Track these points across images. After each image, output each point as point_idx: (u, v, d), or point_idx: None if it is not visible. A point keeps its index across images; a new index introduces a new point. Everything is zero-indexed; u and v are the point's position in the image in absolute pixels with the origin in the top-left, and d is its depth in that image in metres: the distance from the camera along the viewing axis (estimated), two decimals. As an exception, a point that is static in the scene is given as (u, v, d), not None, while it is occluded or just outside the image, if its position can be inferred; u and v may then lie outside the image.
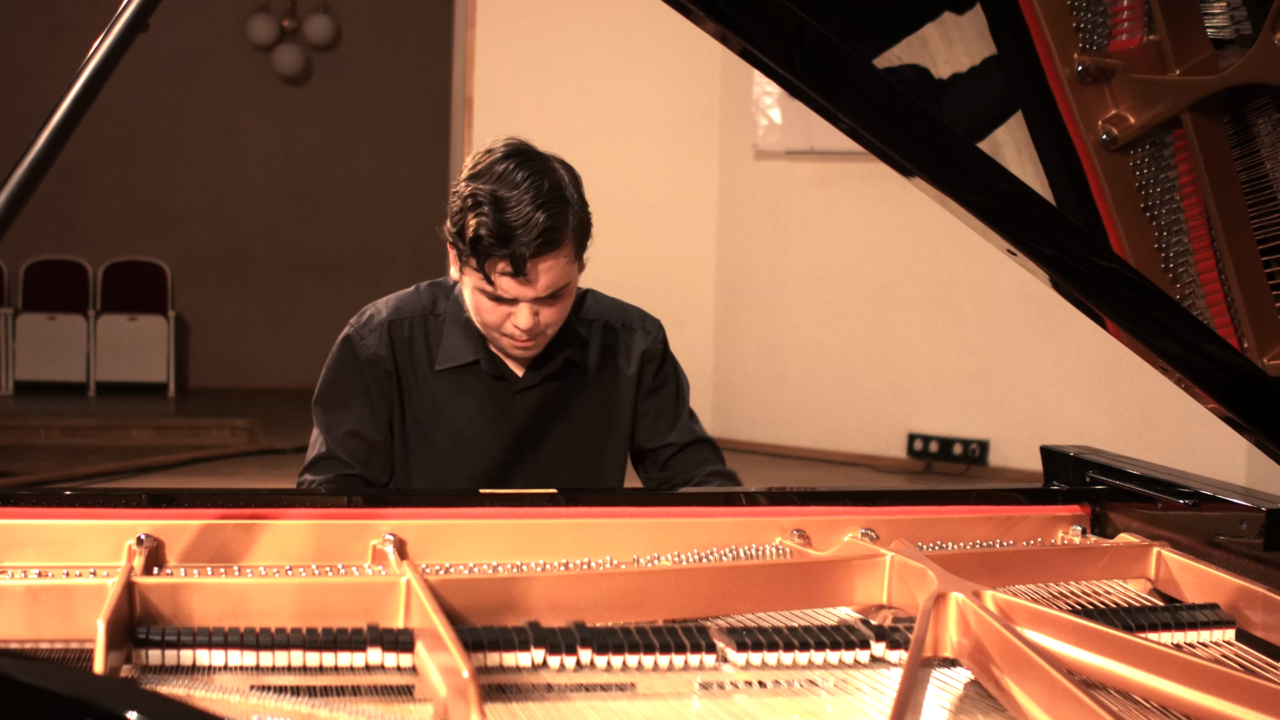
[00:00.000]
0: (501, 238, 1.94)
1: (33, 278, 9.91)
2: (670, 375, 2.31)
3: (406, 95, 10.67)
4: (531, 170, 1.97)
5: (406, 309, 2.18)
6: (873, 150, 1.62)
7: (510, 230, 1.93)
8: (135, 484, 6.46)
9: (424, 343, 2.16)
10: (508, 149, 2.01)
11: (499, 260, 1.96)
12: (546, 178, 1.98)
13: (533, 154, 2.02)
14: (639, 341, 2.27)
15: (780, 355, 7.94)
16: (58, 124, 1.40)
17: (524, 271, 1.96)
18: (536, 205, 1.94)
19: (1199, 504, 1.76)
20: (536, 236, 1.94)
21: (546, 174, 1.99)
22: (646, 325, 2.30)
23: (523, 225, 1.93)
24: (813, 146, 7.62)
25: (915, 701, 1.30)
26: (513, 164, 1.98)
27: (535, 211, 1.94)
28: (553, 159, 2.04)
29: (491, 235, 1.94)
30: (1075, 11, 1.60)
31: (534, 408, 2.18)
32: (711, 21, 1.52)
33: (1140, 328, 1.69)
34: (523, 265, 1.95)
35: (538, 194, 1.95)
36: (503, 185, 1.95)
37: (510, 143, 2.03)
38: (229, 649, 1.31)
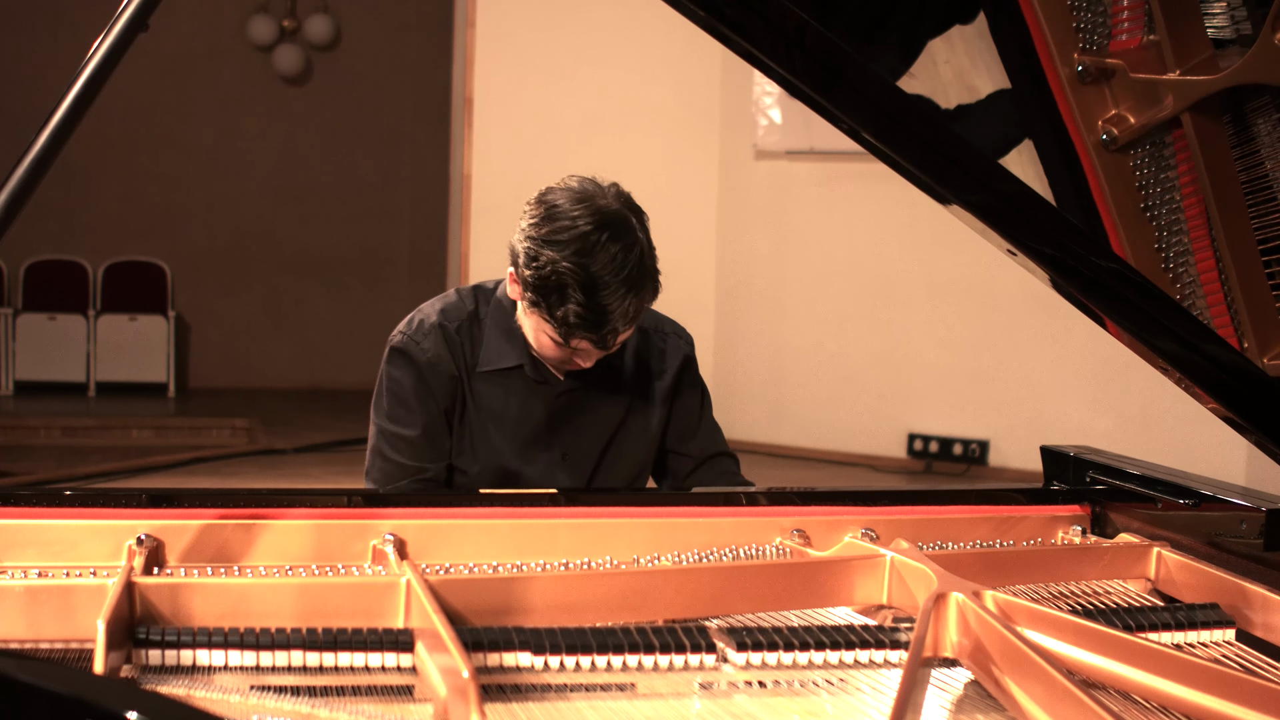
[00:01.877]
0: (594, 325, 1.97)
1: (33, 278, 9.91)
2: (700, 384, 2.35)
3: (406, 95, 10.67)
4: (620, 245, 1.96)
5: (452, 313, 2.20)
6: (872, 150, 1.62)
7: (603, 318, 1.96)
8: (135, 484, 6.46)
9: (470, 344, 2.18)
10: (595, 218, 1.97)
11: (584, 337, 2.00)
12: (633, 251, 1.97)
13: (619, 223, 1.98)
14: (676, 348, 2.31)
15: (780, 355, 7.94)
16: (58, 124, 1.40)
17: (607, 346, 2.03)
18: (627, 289, 1.95)
19: (1199, 504, 1.76)
20: (627, 319, 1.99)
21: (632, 245, 1.97)
22: (680, 333, 2.34)
23: (614, 312, 1.96)
24: (813, 146, 7.61)
25: (915, 701, 1.30)
26: (604, 237, 1.95)
27: (626, 298, 1.96)
28: (625, 212, 2.01)
29: (582, 321, 1.96)
30: (1075, 11, 1.61)
31: (576, 409, 2.21)
32: (712, 22, 1.52)
33: (1140, 328, 1.69)
34: (608, 343, 2.02)
35: (629, 276, 1.95)
36: (594, 262, 1.94)
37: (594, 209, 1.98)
38: (229, 649, 1.31)
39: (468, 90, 7.79)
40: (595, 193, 2.02)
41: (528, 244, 2.00)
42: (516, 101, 7.73)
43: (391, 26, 10.65)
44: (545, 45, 7.83)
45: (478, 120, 7.72)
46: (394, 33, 10.65)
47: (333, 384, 10.19)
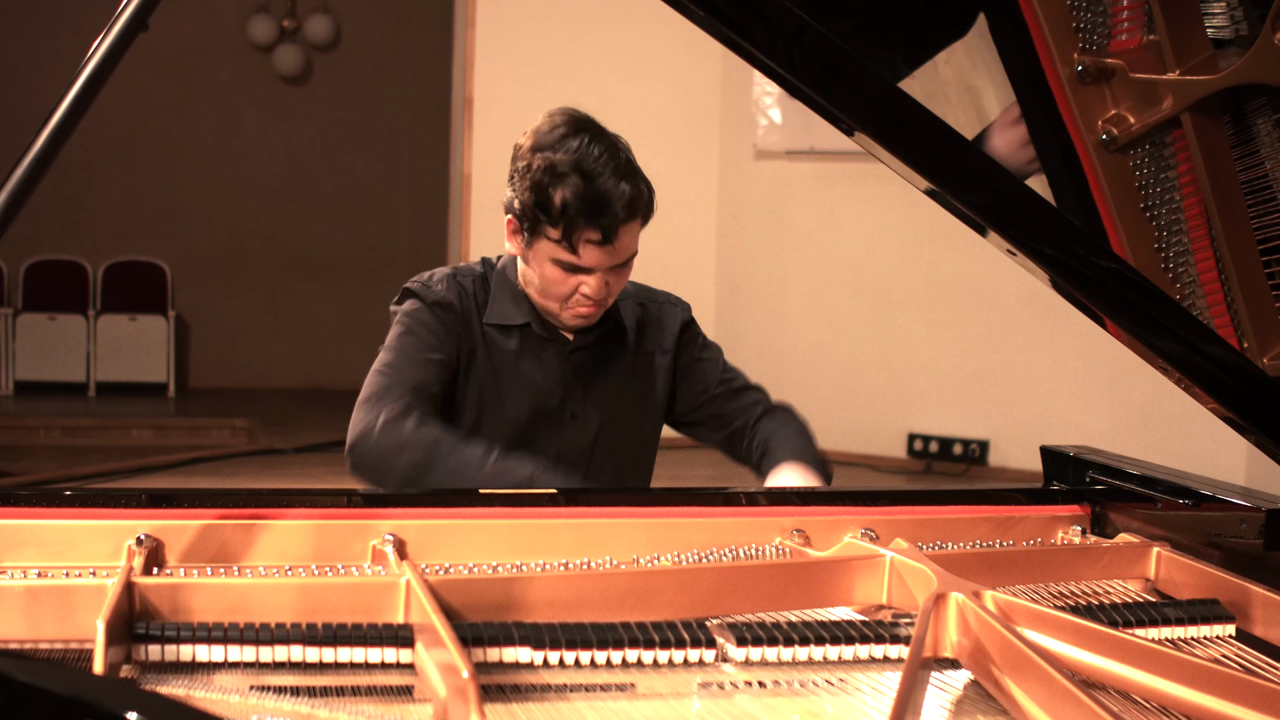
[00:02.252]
0: (594, 208, 2.02)
1: (33, 278, 9.91)
2: (706, 342, 2.41)
3: (406, 95, 10.67)
4: (606, 144, 2.06)
5: (461, 270, 2.26)
6: (873, 150, 1.62)
7: (603, 200, 2.02)
8: (135, 484, 6.46)
9: (482, 299, 2.22)
10: (573, 122, 2.07)
11: (589, 229, 2.03)
12: (619, 150, 2.08)
13: (599, 127, 2.10)
14: (674, 315, 2.36)
15: (780, 355, 7.94)
16: (58, 124, 1.40)
17: (612, 240, 2.05)
18: (619, 176, 2.03)
19: (1199, 504, 1.76)
20: (625, 205, 2.03)
21: (618, 147, 2.09)
22: (675, 301, 2.40)
23: (612, 195, 2.02)
24: (813, 146, 7.62)
25: (915, 701, 1.30)
26: (586, 137, 2.05)
27: (620, 181, 2.03)
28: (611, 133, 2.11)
29: (582, 204, 2.01)
30: (1075, 11, 1.61)
31: (586, 368, 2.25)
32: (712, 22, 1.52)
33: (1140, 328, 1.69)
34: (612, 234, 2.04)
35: (618, 165, 2.04)
36: (584, 157, 2.03)
37: (570, 116, 2.09)
38: (228, 644, 1.31)
39: (468, 90, 7.79)
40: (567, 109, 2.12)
41: (516, 167, 2.08)
42: (516, 101, 7.72)
43: (391, 26, 10.66)
44: (545, 45, 7.84)
45: (478, 120, 7.73)
46: (394, 33, 10.65)
47: (333, 384, 10.19)
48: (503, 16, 7.80)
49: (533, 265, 2.13)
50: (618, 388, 2.29)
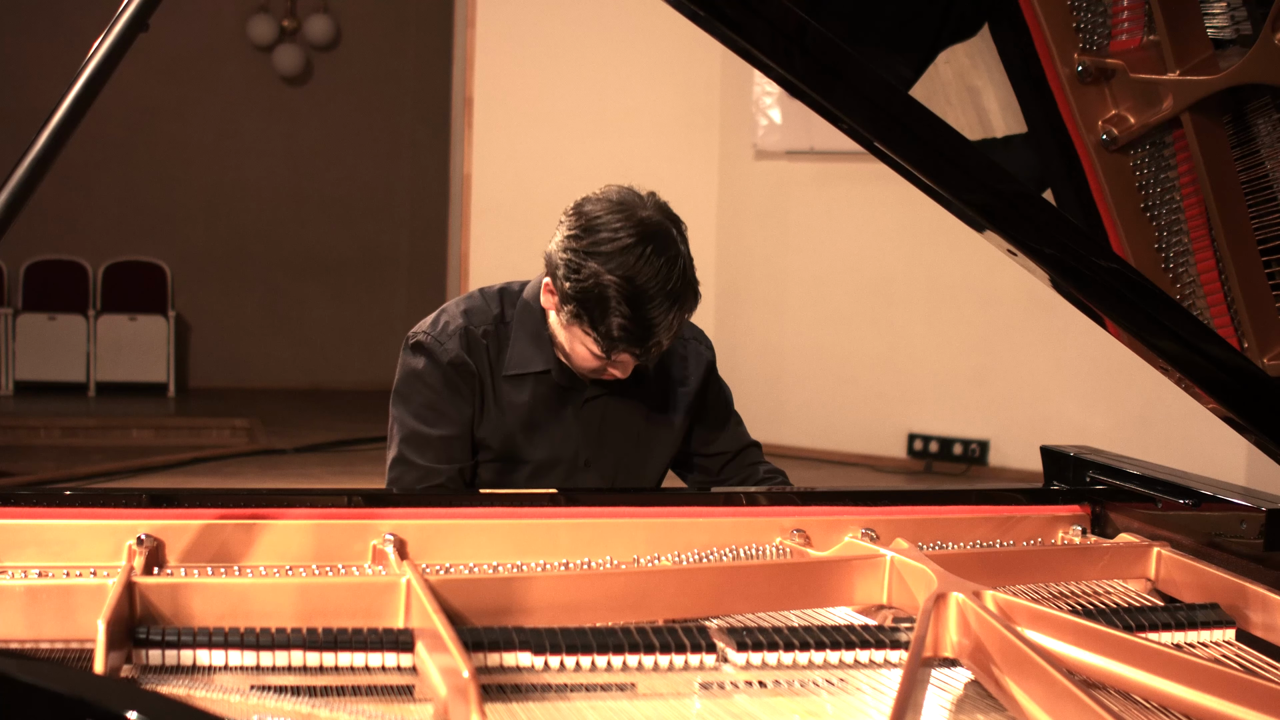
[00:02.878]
0: (639, 339, 1.96)
1: (33, 278, 9.91)
2: (723, 386, 2.36)
3: (406, 95, 10.67)
4: (664, 258, 1.95)
5: (477, 317, 2.16)
6: (872, 150, 1.62)
7: (649, 332, 1.96)
8: (135, 484, 6.46)
9: (495, 347, 2.15)
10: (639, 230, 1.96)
11: (627, 350, 1.98)
12: (676, 264, 1.97)
13: (656, 230, 1.97)
14: (698, 354, 2.29)
15: (780, 355, 7.94)
16: (58, 124, 1.40)
17: (650, 361, 2.04)
18: (672, 301, 1.96)
19: (1199, 504, 1.76)
20: (670, 336, 1.99)
21: (675, 258, 1.97)
22: (701, 338, 2.33)
23: (659, 326, 1.96)
24: (813, 146, 7.61)
25: (915, 701, 1.30)
26: (649, 250, 1.94)
27: (670, 311, 1.96)
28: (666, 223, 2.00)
29: (627, 334, 1.95)
30: (1075, 11, 1.61)
31: (601, 415, 2.20)
32: (711, 21, 1.52)
33: (1140, 328, 1.69)
34: (649, 357, 2.01)
35: (673, 290, 1.96)
36: (639, 274, 1.93)
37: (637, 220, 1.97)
38: (229, 649, 1.31)
39: (468, 90, 7.79)
40: (635, 203, 2.00)
41: (568, 255, 1.98)
42: (516, 101, 7.73)
43: (391, 26, 10.65)
44: (545, 45, 7.83)
45: (478, 120, 7.72)
46: (394, 33, 10.65)
47: (333, 384, 10.19)
48: (503, 16, 7.79)
49: (564, 329, 2.05)
50: (635, 432, 2.23)
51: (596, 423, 2.20)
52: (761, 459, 2.36)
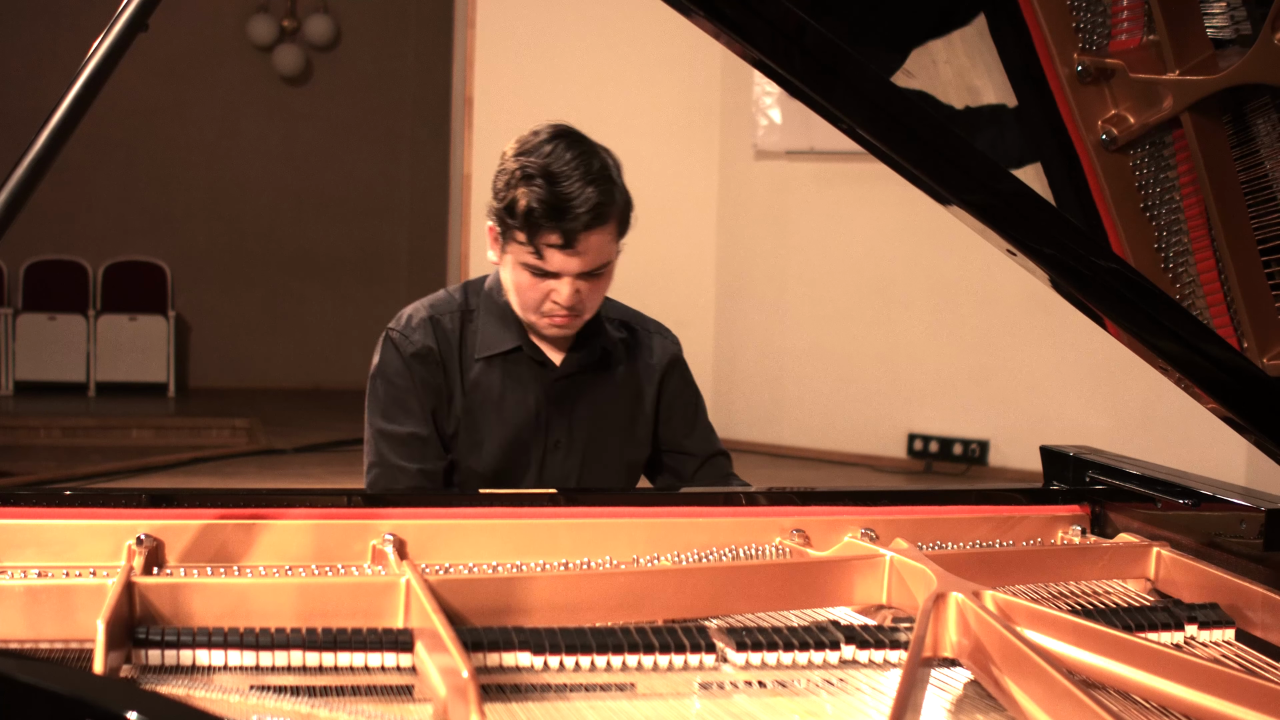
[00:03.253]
0: (554, 211, 2.01)
1: (33, 278, 9.91)
2: (692, 384, 2.38)
3: (406, 95, 10.67)
4: (580, 150, 2.05)
5: (442, 306, 2.23)
6: (872, 150, 1.62)
7: (563, 203, 2.00)
8: (135, 484, 6.46)
9: (462, 334, 2.21)
10: (554, 130, 2.08)
11: (550, 233, 2.02)
12: (595, 158, 2.06)
13: (579, 136, 2.09)
14: (663, 346, 2.33)
15: (780, 355, 7.94)
16: (58, 124, 1.40)
17: (573, 244, 2.02)
18: (587, 181, 2.02)
19: (1199, 504, 1.76)
20: (588, 211, 2.01)
21: (594, 155, 2.07)
22: (667, 334, 2.37)
23: (575, 199, 2.00)
24: (813, 146, 7.61)
25: (915, 701, 1.30)
26: (561, 144, 2.05)
27: (586, 186, 2.01)
28: (596, 144, 2.11)
29: (544, 208, 2.00)
30: (1075, 11, 1.60)
31: (571, 396, 2.23)
32: (711, 22, 1.52)
33: (1140, 328, 1.69)
34: (573, 238, 2.02)
35: (588, 171, 2.03)
36: (553, 161, 2.02)
37: (555, 126, 2.09)
38: (229, 649, 1.31)
39: (468, 90, 7.79)
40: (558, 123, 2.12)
41: (499, 173, 2.09)
42: (516, 101, 7.72)
43: (391, 26, 10.65)
44: (545, 45, 7.83)
45: (478, 120, 7.72)
46: (394, 33, 10.65)
47: (333, 384, 10.19)
48: (503, 16, 7.79)
49: (507, 271, 2.13)
50: (602, 417, 2.26)
51: (566, 402, 2.22)
52: (730, 470, 2.37)
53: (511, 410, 2.20)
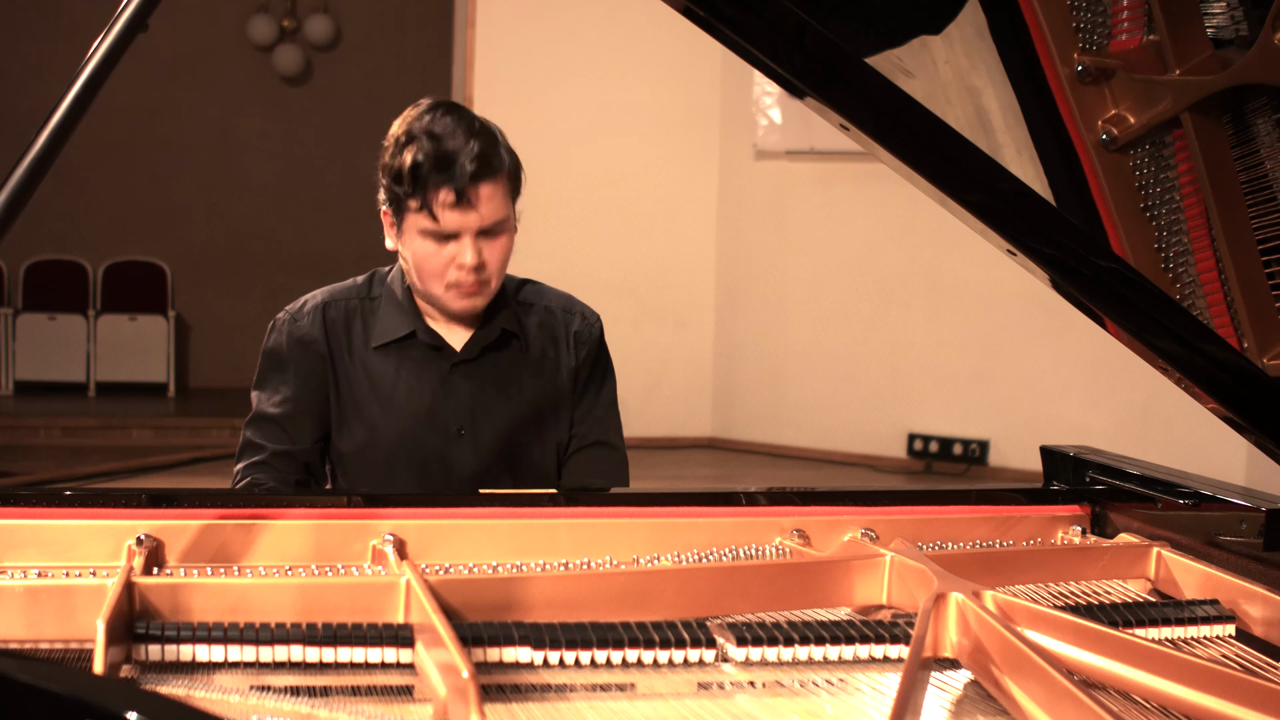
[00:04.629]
0: (441, 164, 2.00)
1: (33, 278, 9.91)
2: (608, 366, 2.31)
3: (406, 95, 10.58)
4: (460, 113, 2.07)
5: (340, 294, 2.23)
6: (872, 151, 1.62)
7: (449, 156, 2.00)
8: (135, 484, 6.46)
9: (359, 323, 2.20)
10: (434, 101, 2.10)
11: (440, 189, 2.00)
12: (475, 120, 2.07)
13: (458, 105, 2.11)
14: (586, 327, 2.28)
15: (780, 355, 7.94)
16: (58, 124, 1.40)
17: (466, 197, 2.01)
18: (470, 135, 2.02)
19: (1199, 504, 1.76)
20: (474, 160, 2.00)
21: (474, 117, 2.08)
22: (588, 314, 2.31)
23: (460, 151, 2.00)
24: (813, 146, 7.62)
25: (915, 701, 1.30)
26: (440, 110, 2.06)
27: (469, 140, 2.01)
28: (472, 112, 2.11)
29: (431, 163, 2.00)
30: (1075, 11, 1.61)
31: (473, 382, 2.19)
32: (711, 21, 1.52)
33: (1140, 328, 1.69)
34: (464, 190, 2.00)
35: (469, 128, 2.03)
36: (434, 124, 2.03)
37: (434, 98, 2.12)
38: (228, 644, 1.31)
39: (468, 90, 7.79)
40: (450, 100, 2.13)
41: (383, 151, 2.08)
42: (516, 101, 7.73)
43: (391, 26, 10.65)
44: (545, 45, 7.84)
45: (478, 120, 7.72)
46: (394, 33, 10.65)
47: (333, 384, 10.17)
48: (503, 16, 7.79)
49: (407, 248, 2.09)
50: (513, 404, 2.21)
51: (469, 389, 2.19)
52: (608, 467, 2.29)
53: (405, 399, 2.17)
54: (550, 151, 7.75)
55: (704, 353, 8.06)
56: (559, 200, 7.79)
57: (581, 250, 7.71)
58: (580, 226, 7.77)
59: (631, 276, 7.82)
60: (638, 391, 7.84)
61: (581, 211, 7.78)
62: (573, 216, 7.79)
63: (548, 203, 7.93)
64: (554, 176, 7.78)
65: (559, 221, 7.77)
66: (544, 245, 7.90)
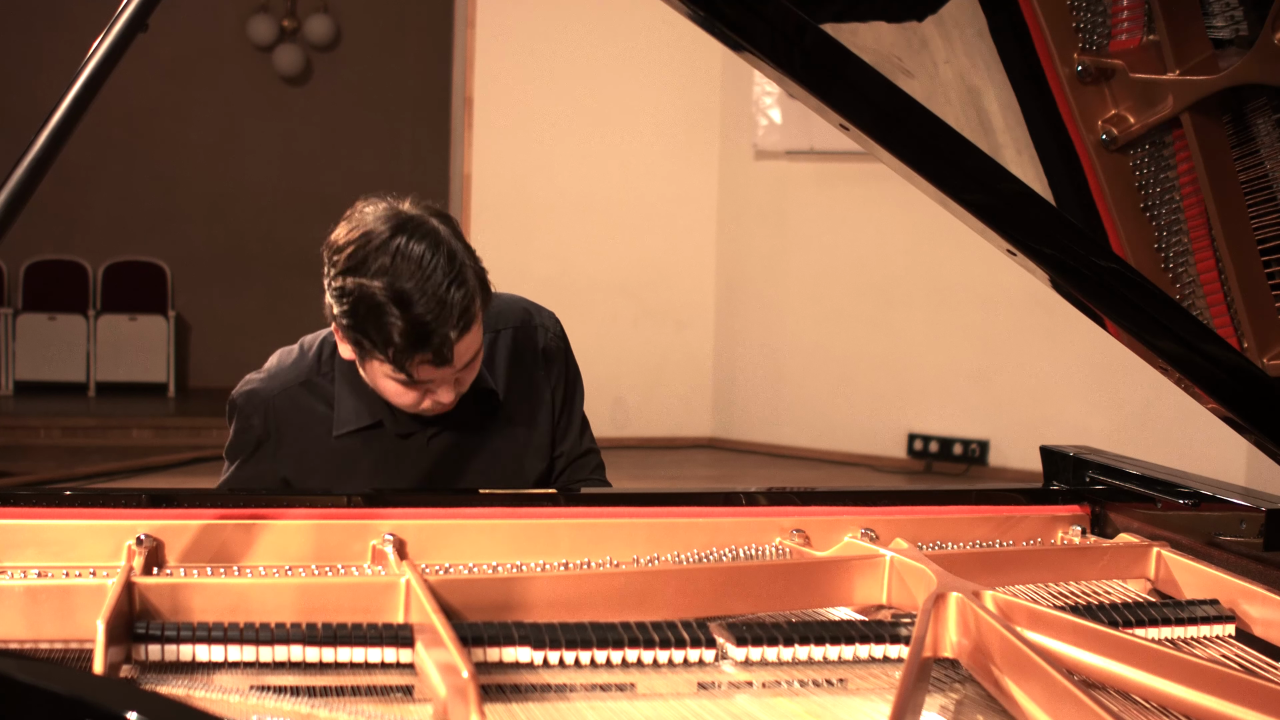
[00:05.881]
0: (420, 339, 1.77)
1: (33, 278, 9.91)
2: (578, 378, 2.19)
3: (406, 95, 10.67)
4: (422, 247, 1.79)
5: (287, 377, 2.02)
6: (872, 151, 1.62)
7: (428, 327, 1.76)
8: (135, 484, 6.46)
9: (314, 409, 2.01)
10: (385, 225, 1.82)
11: (419, 356, 1.79)
12: (439, 250, 1.80)
13: (410, 221, 1.83)
14: (553, 340, 2.14)
15: (780, 355, 7.94)
16: (58, 124, 1.40)
17: (448, 359, 1.81)
18: (445, 288, 1.77)
19: (1199, 504, 1.76)
20: (456, 323, 1.78)
21: (437, 244, 1.80)
22: (545, 323, 2.14)
23: (439, 319, 1.76)
24: (813, 146, 7.62)
25: (915, 702, 1.30)
26: (398, 243, 1.79)
27: (446, 297, 1.77)
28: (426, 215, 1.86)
29: (409, 338, 1.77)
30: (1075, 11, 1.61)
31: (452, 446, 2.05)
32: (711, 21, 1.52)
33: (1140, 328, 1.69)
34: (446, 354, 1.80)
35: (441, 275, 1.78)
36: (400, 277, 1.76)
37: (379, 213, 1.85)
38: (228, 644, 1.31)
39: (468, 90, 7.79)
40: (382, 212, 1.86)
41: (334, 282, 1.82)
42: (516, 101, 7.73)
43: (391, 26, 10.65)
44: (545, 45, 7.83)
45: (478, 120, 7.73)
46: (394, 33, 10.64)
47: (333, 384, 10.17)
48: (503, 16, 7.79)
49: (370, 379, 1.90)
50: (499, 448, 2.07)
51: (448, 453, 2.04)
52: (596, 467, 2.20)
53: (392, 473, 2.02)
54: (550, 151, 7.76)
55: (704, 353, 8.06)
56: (559, 200, 7.80)
57: (581, 250, 7.71)
58: (580, 226, 7.78)
59: (631, 276, 7.82)
60: (638, 391, 7.85)
61: (581, 211, 7.79)
62: (573, 216, 7.79)
63: (548, 203, 7.97)
64: (554, 176, 7.79)
65: (559, 221, 7.77)
66: (544, 245, 7.92)
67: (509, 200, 7.67)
